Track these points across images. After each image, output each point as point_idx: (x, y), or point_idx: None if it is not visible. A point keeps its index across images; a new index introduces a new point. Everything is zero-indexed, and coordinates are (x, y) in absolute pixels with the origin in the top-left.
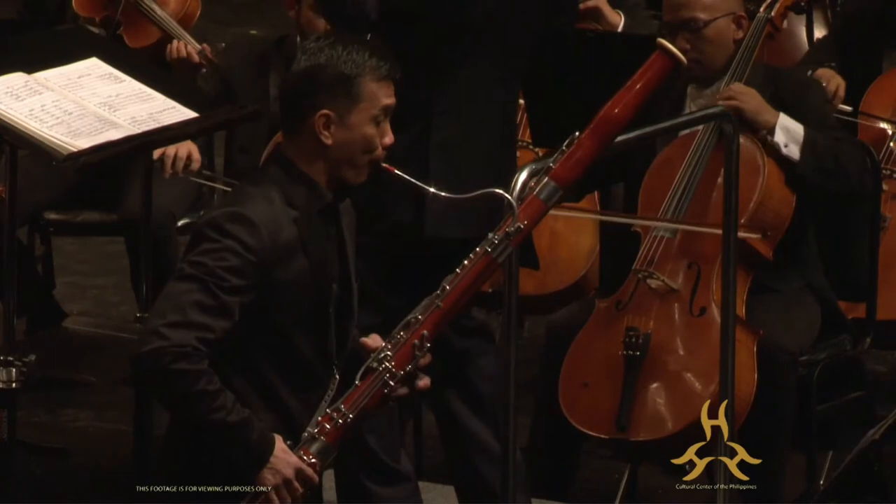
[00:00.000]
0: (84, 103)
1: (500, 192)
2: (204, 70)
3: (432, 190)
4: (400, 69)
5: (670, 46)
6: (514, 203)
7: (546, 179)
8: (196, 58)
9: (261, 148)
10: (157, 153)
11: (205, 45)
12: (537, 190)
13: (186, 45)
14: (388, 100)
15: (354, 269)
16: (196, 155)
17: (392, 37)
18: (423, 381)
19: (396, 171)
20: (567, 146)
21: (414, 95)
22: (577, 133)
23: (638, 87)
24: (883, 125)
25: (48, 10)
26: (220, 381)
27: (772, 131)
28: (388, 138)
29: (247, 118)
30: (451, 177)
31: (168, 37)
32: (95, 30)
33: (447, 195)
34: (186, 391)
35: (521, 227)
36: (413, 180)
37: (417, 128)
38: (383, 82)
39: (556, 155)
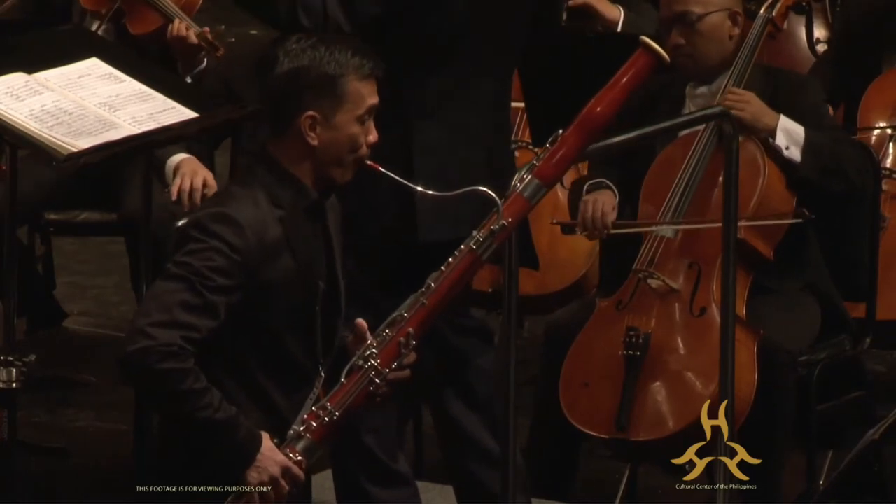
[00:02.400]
0: (84, 103)
1: (485, 189)
2: (204, 53)
3: (420, 189)
4: (383, 67)
5: (653, 44)
6: (499, 201)
7: (530, 177)
8: (195, 39)
9: None
10: (174, 191)
11: (205, 28)
12: (521, 188)
13: (187, 27)
14: (373, 98)
15: (341, 265)
16: (211, 181)
17: (370, 39)
18: (384, 390)
19: (381, 169)
20: (551, 144)
21: (395, 96)
22: (560, 131)
23: (620, 84)
24: (878, 130)
25: (54, 8)
26: (206, 380)
27: (773, 134)
28: (373, 136)
29: (247, 118)
30: (437, 178)
31: (169, 22)
32: (103, 25)
33: (434, 193)
34: (173, 390)
35: (506, 224)
36: (398, 178)
37: (400, 130)
38: (367, 81)
39: (540, 153)
